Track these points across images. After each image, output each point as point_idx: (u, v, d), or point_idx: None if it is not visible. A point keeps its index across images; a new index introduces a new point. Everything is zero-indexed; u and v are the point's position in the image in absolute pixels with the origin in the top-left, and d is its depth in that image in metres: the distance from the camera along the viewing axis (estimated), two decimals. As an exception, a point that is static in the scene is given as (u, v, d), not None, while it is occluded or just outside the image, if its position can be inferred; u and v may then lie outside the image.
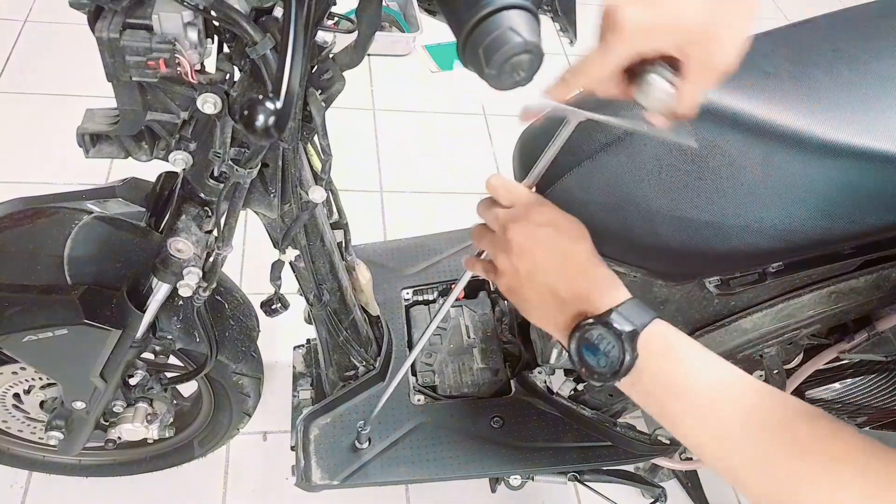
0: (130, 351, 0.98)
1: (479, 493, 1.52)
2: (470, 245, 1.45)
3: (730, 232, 0.88)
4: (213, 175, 0.81)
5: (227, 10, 0.62)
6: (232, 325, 1.12)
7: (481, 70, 0.50)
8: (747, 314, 1.00)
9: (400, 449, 1.20)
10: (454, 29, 0.52)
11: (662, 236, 0.88)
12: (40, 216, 0.97)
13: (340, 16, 0.76)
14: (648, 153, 0.86)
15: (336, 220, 1.07)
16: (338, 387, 1.25)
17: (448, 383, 1.30)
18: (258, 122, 0.54)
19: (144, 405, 1.17)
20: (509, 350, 1.35)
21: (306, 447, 1.19)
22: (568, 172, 0.90)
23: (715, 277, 0.98)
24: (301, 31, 0.59)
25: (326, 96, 0.79)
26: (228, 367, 1.14)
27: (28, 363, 1.05)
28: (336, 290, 1.08)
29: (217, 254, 0.89)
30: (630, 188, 0.88)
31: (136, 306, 0.93)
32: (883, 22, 0.94)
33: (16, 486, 1.47)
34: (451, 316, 1.38)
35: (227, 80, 0.71)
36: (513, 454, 1.21)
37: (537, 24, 0.50)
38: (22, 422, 1.26)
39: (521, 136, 1.03)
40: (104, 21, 0.63)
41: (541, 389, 1.23)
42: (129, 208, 0.97)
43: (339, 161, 0.93)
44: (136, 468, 1.46)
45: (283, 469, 1.56)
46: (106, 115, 0.76)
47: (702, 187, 0.86)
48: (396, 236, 1.64)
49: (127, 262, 0.96)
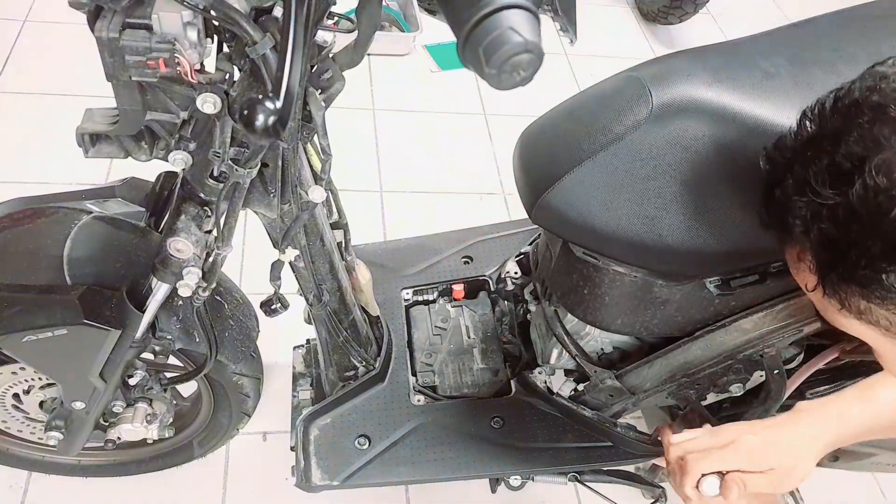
0: (130, 351, 0.98)
1: (479, 493, 1.51)
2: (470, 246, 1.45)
3: (730, 232, 0.88)
4: (213, 175, 0.81)
5: (227, 10, 0.62)
6: (232, 325, 1.12)
7: (481, 70, 0.50)
8: (748, 314, 1.00)
9: (400, 449, 1.20)
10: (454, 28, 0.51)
11: (663, 236, 0.88)
12: (40, 216, 0.97)
13: (340, 15, 0.76)
14: (649, 153, 0.86)
15: (336, 220, 1.07)
16: (338, 387, 1.25)
17: (448, 383, 1.30)
18: (258, 121, 0.54)
19: (144, 405, 1.17)
20: (509, 350, 1.35)
21: (306, 447, 1.19)
22: (568, 172, 0.90)
23: (715, 277, 0.98)
24: (301, 31, 0.59)
25: (326, 96, 0.79)
26: (228, 367, 1.14)
27: (28, 363, 1.05)
28: (336, 290, 1.08)
29: (217, 254, 0.88)
30: (630, 188, 0.88)
31: (136, 306, 0.93)
32: (883, 22, 0.94)
33: (15, 487, 1.47)
34: (452, 316, 1.38)
35: (226, 79, 0.71)
36: (513, 454, 1.21)
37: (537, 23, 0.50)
38: (21, 422, 1.26)
39: (521, 136, 1.03)
40: (104, 21, 0.63)
41: (541, 390, 1.23)
42: (128, 208, 0.97)
43: (339, 161, 0.93)
44: (135, 468, 1.46)
45: (283, 469, 1.55)
46: (105, 115, 0.76)
47: (701, 187, 0.86)
48: (396, 236, 1.64)
49: (126, 262, 0.96)
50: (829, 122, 0.63)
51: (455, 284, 1.39)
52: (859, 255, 0.58)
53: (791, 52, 0.89)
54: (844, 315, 0.66)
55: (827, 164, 0.60)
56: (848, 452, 1.18)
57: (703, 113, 0.83)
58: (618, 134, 0.87)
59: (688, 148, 0.85)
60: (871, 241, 0.57)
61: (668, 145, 0.85)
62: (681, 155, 0.85)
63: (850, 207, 0.58)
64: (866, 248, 0.58)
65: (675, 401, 1.18)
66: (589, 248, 0.99)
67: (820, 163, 0.61)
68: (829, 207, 0.59)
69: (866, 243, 0.58)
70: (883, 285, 0.58)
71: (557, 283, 1.09)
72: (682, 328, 1.04)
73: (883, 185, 0.56)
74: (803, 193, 0.62)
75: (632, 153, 0.87)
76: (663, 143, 0.85)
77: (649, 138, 0.85)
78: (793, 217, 0.63)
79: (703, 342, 1.04)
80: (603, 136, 0.88)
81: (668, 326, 1.04)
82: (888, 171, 0.56)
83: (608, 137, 0.87)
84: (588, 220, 0.91)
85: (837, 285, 0.62)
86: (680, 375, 1.09)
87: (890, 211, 0.55)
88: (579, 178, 0.89)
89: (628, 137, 0.86)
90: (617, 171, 0.88)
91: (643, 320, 1.03)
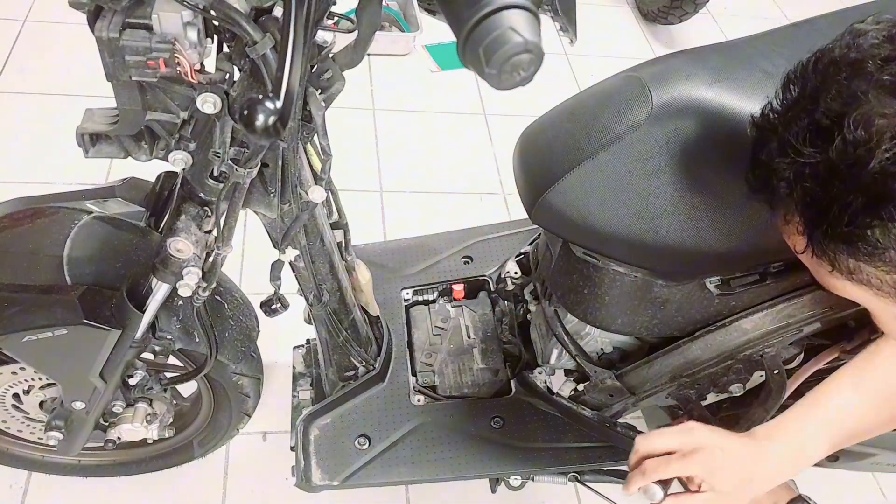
0: (130, 351, 0.98)
1: (479, 494, 1.52)
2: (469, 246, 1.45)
3: (730, 232, 0.88)
4: (213, 175, 0.81)
5: (227, 10, 0.62)
6: (231, 325, 1.12)
7: (481, 70, 0.50)
8: (748, 314, 1.00)
9: (400, 449, 1.20)
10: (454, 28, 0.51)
11: (663, 236, 0.88)
12: (40, 216, 0.97)
13: (340, 15, 0.76)
14: (649, 153, 0.86)
15: (336, 220, 1.07)
16: (338, 387, 1.25)
17: (448, 383, 1.30)
18: (258, 121, 0.54)
19: (144, 405, 1.17)
20: (509, 350, 1.35)
21: (306, 447, 1.19)
22: (568, 172, 0.90)
23: (715, 277, 0.98)
24: (301, 31, 0.59)
25: (326, 96, 0.79)
26: (228, 367, 1.14)
27: (28, 363, 1.05)
28: (336, 290, 1.08)
29: (217, 254, 0.88)
30: (630, 188, 0.88)
31: (136, 306, 0.93)
32: (883, 22, 0.94)
33: (15, 487, 1.47)
34: (452, 316, 1.38)
35: (226, 79, 0.71)
36: (513, 454, 1.21)
37: (538, 23, 0.50)
38: (22, 422, 1.26)
39: (521, 136, 1.03)
40: (104, 21, 0.63)
41: (541, 390, 1.23)
42: (128, 208, 0.97)
43: (339, 161, 0.93)
44: (135, 468, 1.46)
45: (283, 469, 1.55)
46: (105, 115, 0.76)
47: (701, 187, 0.86)
48: (396, 236, 1.64)
49: (126, 262, 0.96)
50: (810, 81, 0.63)
51: (455, 284, 1.39)
52: (842, 211, 0.59)
53: (791, 52, 0.89)
54: (836, 277, 0.66)
55: (807, 122, 0.61)
56: (848, 452, 1.17)
57: (702, 113, 0.83)
58: (618, 134, 0.87)
59: (688, 148, 0.85)
60: (852, 195, 0.58)
61: (667, 145, 0.85)
62: (680, 155, 0.85)
63: (830, 163, 0.58)
64: (848, 203, 0.58)
65: (675, 401, 1.17)
66: (589, 248, 0.99)
67: (801, 122, 0.61)
68: (810, 166, 0.60)
69: (848, 198, 0.58)
70: (868, 241, 0.59)
71: (557, 283, 1.09)
72: (682, 328, 1.04)
73: (861, 139, 0.56)
74: (786, 154, 0.62)
75: (632, 153, 0.87)
76: (663, 143, 0.85)
77: (649, 138, 0.85)
78: (777, 179, 0.64)
79: (703, 342, 1.04)
80: (603, 136, 0.88)
81: (668, 326, 1.04)
82: (867, 125, 0.56)
83: (608, 137, 0.87)
84: (588, 219, 0.91)
85: (825, 244, 0.63)
86: (680, 375, 1.09)
87: (868, 163, 0.56)
88: (579, 178, 0.89)
89: (628, 137, 0.86)
90: (617, 170, 0.88)
91: (643, 320, 1.03)
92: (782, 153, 0.63)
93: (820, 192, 0.60)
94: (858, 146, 0.56)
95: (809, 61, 0.65)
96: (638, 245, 0.90)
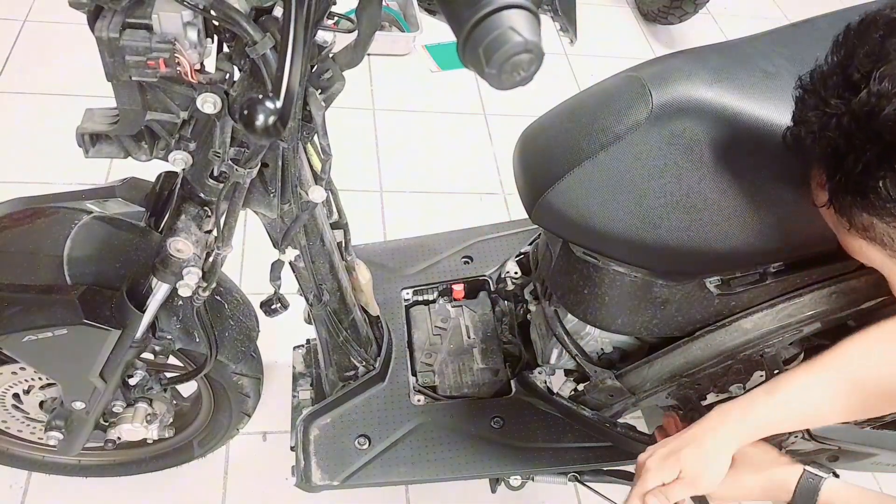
0: (130, 351, 0.98)
1: (479, 494, 1.51)
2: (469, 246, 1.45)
3: (730, 232, 0.88)
4: (213, 175, 0.81)
5: (227, 10, 0.62)
6: (232, 325, 1.12)
7: (481, 70, 0.50)
8: (748, 314, 1.00)
9: (400, 449, 1.20)
10: (454, 28, 0.51)
11: (663, 236, 0.88)
12: (40, 216, 0.97)
13: (340, 15, 0.76)
14: (649, 153, 0.86)
15: (336, 220, 1.07)
16: (338, 387, 1.25)
17: (448, 383, 1.30)
18: (258, 121, 0.54)
19: (144, 405, 1.17)
20: (509, 350, 1.35)
21: (306, 447, 1.19)
22: (568, 172, 0.90)
23: (715, 277, 0.98)
24: (301, 31, 0.59)
25: (326, 96, 0.79)
26: (228, 367, 1.14)
27: (28, 363, 1.05)
28: (336, 290, 1.08)
29: (217, 254, 0.88)
30: (630, 188, 0.88)
31: (136, 306, 0.93)
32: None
33: (15, 487, 1.47)
34: (452, 316, 1.38)
35: (226, 79, 0.71)
36: (513, 454, 1.21)
37: (538, 23, 0.50)
38: (22, 422, 1.26)
39: (521, 136, 1.03)
40: (104, 21, 0.63)
41: (541, 389, 1.23)
42: (128, 208, 0.97)
43: (339, 161, 0.93)
44: (135, 468, 1.46)
45: (283, 469, 1.55)
46: (105, 115, 0.76)
47: (702, 187, 0.86)
48: (396, 236, 1.64)
49: (126, 262, 0.96)
50: (849, 41, 0.66)
51: (455, 284, 1.39)
52: (857, 160, 0.62)
53: (791, 52, 0.89)
54: (854, 235, 0.69)
55: (841, 78, 0.64)
56: (848, 452, 1.17)
57: (703, 113, 0.84)
58: (618, 134, 0.87)
59: (688, 148, 0.85)
60: (867, 145, 0.61)
61: (668, 145, 0.85)
62: (680, 155, 0.85)
63: (853, 114, 0.61)
64: (863, 152, 0.61)
65: (675, 401, 1.17)
66: (589, 248, 0.99)
67: (836, 78, 0.64)
68: (836, 117, 0.63)
69: (864, 147, 0.61)
70: (879, 194, 0.61)
71: (557, 283, 1.09)
72: (682, 328, 1.04)
73: (884, 91, 0.59)
74: (816, 108, 0.65)
75: (632, 153, 0.87)
76: (663, 143, 0.85)
77: (649, 138, 0.85)
78: (806, 132, 0.67)
79: (703, 342, 1.04)
80: (603, 136, 0.88)
81: (668, 326, 1.04)
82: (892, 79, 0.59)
83: (608, 137, 0.87)
84: (588, 219, 0.91)
85: (842, 197, 0.66)
86: (680, 375, 1.09)
87: (882, 111, 0.59)
88: (579, 178, 0.89)
89: (628, 137, 0.86)
90: (617, 170, 0.88)
91: (643, 320, 1.03)
92: (815, 107, 0.66)
93: (842, 143, 0.63)
94: (881, 97, 0.59)
95: (854, 22, 0.67)
96: (638, 245, 0.90)
